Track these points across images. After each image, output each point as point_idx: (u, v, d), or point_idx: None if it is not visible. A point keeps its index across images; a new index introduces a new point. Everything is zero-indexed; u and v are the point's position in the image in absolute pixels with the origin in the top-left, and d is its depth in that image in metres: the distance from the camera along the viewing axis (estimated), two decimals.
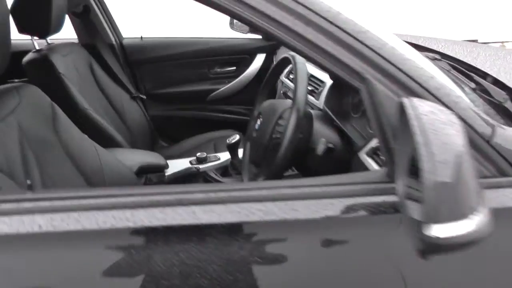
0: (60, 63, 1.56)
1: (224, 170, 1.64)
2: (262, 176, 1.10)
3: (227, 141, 1.55)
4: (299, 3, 0.72)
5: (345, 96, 1.30)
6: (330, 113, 1.24)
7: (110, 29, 2.03)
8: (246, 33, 2.29)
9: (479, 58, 1.42)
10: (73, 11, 1.81)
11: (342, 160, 1.09)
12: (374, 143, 0.99)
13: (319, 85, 1.43)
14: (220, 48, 2.23)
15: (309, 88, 1.49)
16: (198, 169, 1.57)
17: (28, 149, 1.03)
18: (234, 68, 2.26)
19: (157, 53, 2.17)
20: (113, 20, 2.06)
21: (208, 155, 1.65)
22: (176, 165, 1.62)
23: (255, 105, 1.30)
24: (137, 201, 0.67)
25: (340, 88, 1.34)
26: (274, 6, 0.72)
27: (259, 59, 2.24)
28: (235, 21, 2.30)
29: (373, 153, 0.99)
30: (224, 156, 1.67)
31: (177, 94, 2.24)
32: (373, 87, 0.71)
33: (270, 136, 1.06)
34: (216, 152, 1.85)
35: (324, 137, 1.08)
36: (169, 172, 1.58)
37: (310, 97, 1.44)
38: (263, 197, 0.69)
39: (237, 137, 1.54)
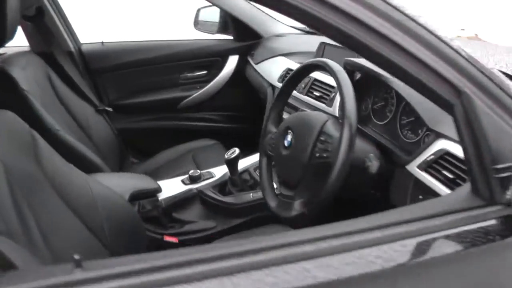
0: (20, 77, 1.31)
1: (221, 187, 1.48)
2: (298, 198, 0.97)
3: (225, 156, 1.40)
4: (395, 8, 0.62)
5: (363, 101, 1.23)
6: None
7: (67, 34, 1.76)
8: (214, 33, 2.12)
9: (482, 56, 1.42)
10: (24, 14, 1.53)
11: (383, 174, 1.01)
12: (427, 155, 0.92)
13: (330, 91, 1.34)
14: (188, 51, 2.06)
15: (317, 94, 1.39)
16: (198, 190, 1.40)
17: (17, 192, 0.83)
18: (205, 72, 2.10)
19: (120, 59, 1.94)
20: (70, 24, 1.79)
21: (201, 172, 1.48)
22: (168, 187, 1.43)
23: (269, 118, 1.17)
24: (234, 265, 0.52)
25: (355, 93, 1.25)
26: (369, 11, 0.60)
27: (232, 61, 2.09)
28: (200, 20, 2.12)
29: (428, 167, 0.91)
30: (218, 171, 1.52)
31: (145, 103, 2.02)
32: (471, 102, 0.64)
33: (311, 155, 0.94)
34: (196, 164, 1.69)
35: (365, 150, 0.99)
36: (162, 195, 1.39)
37: (321, 104, 1.35)
38: (378, 239, 0.58)
39: (236, 151, 1.39)
